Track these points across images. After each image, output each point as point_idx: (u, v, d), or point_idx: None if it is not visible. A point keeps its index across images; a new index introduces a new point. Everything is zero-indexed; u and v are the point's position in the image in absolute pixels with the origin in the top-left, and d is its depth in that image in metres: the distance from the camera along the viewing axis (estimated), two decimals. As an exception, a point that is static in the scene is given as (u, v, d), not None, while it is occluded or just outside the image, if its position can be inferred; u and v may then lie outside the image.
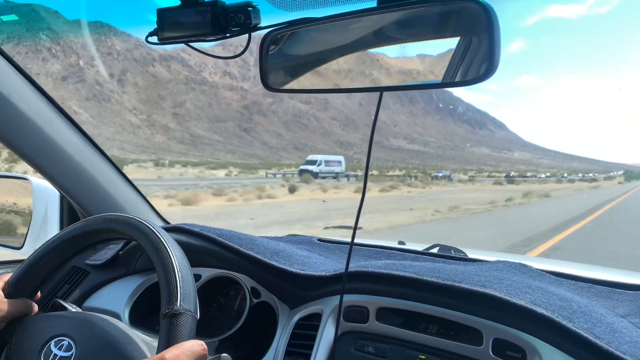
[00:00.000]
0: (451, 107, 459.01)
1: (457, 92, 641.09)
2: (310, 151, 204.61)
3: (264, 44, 0.90)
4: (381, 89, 0.87)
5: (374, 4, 0.80)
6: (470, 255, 1.53)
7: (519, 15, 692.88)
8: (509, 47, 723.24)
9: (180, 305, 0.78)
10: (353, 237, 1.01)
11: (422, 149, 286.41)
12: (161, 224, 1.74)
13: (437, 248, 1.60)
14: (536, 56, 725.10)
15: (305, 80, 0.96)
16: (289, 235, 1.76)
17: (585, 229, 13.31)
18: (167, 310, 0.77)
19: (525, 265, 1.27)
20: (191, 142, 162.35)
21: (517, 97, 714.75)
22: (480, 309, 0.97)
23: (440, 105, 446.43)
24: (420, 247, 1.60)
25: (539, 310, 0.90)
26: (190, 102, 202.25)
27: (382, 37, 0.87)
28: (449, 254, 1.51)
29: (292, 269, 1.21)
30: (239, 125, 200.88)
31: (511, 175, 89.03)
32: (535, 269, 1.27)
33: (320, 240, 1.64)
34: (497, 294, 0.94)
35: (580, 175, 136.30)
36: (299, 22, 0.88)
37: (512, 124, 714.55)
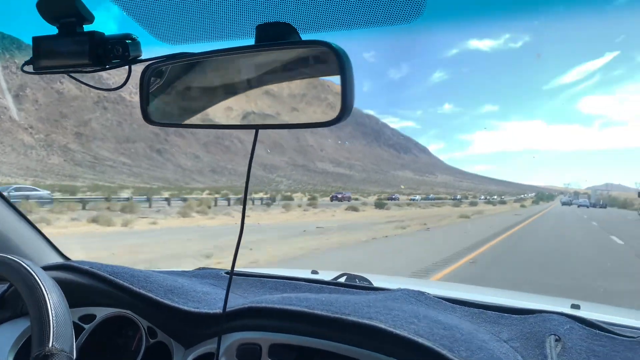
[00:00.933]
0: (377, 132, 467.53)
1: (382, 118, 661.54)
2: (229, 174, 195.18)
3: (144, 77, 0.91)
4: (256, 127, 0.90)
5: (251, 42, 0.83)
6: (376, 284, 1.57)
7: (442, 46, 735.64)
8: (432, 77, 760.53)
9: (52, 345, 0.73)
10: (232, 268, 1.01)
11: (347, 172, 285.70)
12: (58, 260, 1.65)
13: (345, 277, 1.64)
14: (456, 86, 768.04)
15: (185, 115, 0.97)
16: (197, 268, 1.72)
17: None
18: (37, 352, 0.72)
19: (423, 293, 1.29)
20: (91, 164, 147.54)
21: (439, 124, 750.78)
22: (367, 341, 0.98)
23: (367, 133, 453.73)
24: (330, 277, 1.66)
25: (421, 340, 0.92)
26: (97, 121, 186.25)
27: (255, 77, 0.90)
28: (354, 284, 1.54)
29: (184, 307, 1.17)
30: (151, 147, 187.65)
31: (394, 197, 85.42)
32: (433, 296, 1.29)
33: (227, 273, 1.58)
34: (381, 325, 0.95)
35: (482, 197, 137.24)
36: (178, 56, 0.89)
37: (435, 148, 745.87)
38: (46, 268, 1.24)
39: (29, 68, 0.93)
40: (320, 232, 16.45)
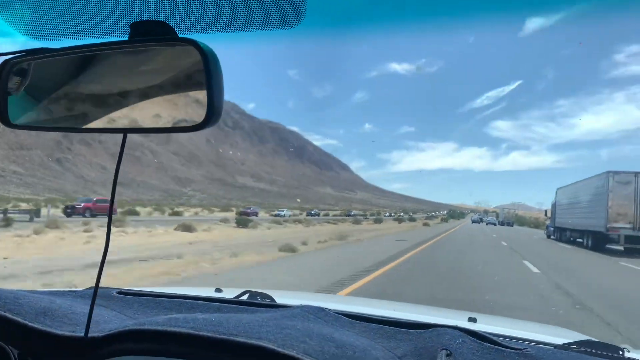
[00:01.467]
0: (301, 148, 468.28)
1: (306, 134, 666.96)
2: (137, 187, 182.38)
3: (1, 74, 0.83)
4: (124, 131, 0.85)
5: (124, 38, 0.78)
6: (278, 300, 1.57)
7: (363, 68, 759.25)
8: (354, 97, 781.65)
9: None
10: (97, 284, 0.95)
11: (267, 187, 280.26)
12: None
13: (247, 295, 1.62)
14: (376, 106, 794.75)
15: (51, 117, 0.90)
16: (87, 288, 1.60)
17: None
18: None
19: (323, 309, 1.27)
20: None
21: (360, 143, 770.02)
22: None
23: (291, 149, 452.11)
24: (233, 294, 1.64)
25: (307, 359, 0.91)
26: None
27: (124, 77, 0.85)
28: (256, 302, 1.52)
29: (57, 331, 1.04)
30: (50, 155, 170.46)
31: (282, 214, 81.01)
32: (333, 312, 1.27)
33: (120, 292, 1.49)
34: (269, 345, 0.93)
35: (388, 214, 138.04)
36: (38, 51, 0.81)
37: (356, 166, 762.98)
38: None
39: None
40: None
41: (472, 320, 1.63)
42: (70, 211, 36.27)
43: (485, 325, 1.62)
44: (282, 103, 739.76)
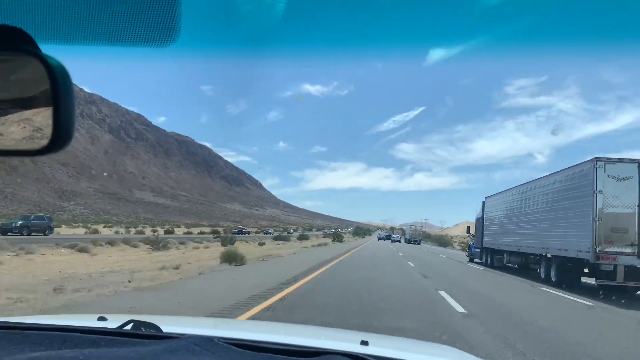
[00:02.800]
0: (210, 163, 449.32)
1: (219, 150, 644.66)
2: (12, 200, 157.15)
3: None
4: None
5: None
6: (166, 329, 1.46)
7: (278, 87, 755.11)
8: (269, 115, 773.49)
9: None
10: None
11: (167, 203, 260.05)
12: None
13: (131, 325, 1.50)
14: (291, 126, 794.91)
15: None
16: None
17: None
18: None
19: (211, 340, 1.22)
20: None
21: (274, 160, 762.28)
22: None
23: (200, 161, 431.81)
24: (117, 322, 1.52)
25: None
26: None
27: None
28: (139, 332, 1.41)
29: None
30: None
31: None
32: (223, 342, 1.23)
33: None
34: None
35: (270, 230, 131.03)
36: None
37: (270, 184, 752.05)
38: None
39: None
40: None
41: (365, 343, 1.55)
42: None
43: (378, 348, 1.60)
44: (195, 118, 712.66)
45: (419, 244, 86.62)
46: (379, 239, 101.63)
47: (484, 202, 25.05)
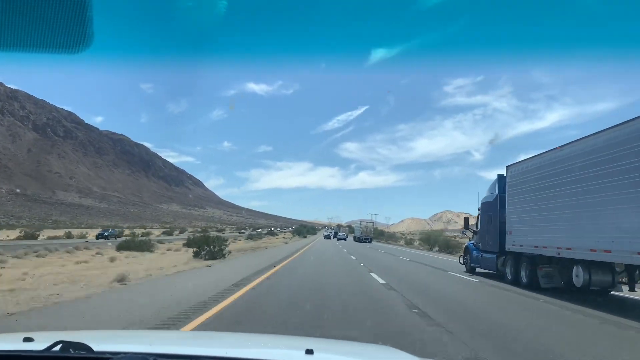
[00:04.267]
0: (147, 163, 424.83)
1: (160, 150, 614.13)
2: None
3: None
4: None
5: None
6: (99, 347, 1.38)
7: (222, 86, 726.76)
8: (212, 115, 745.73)
9: None
10: None
11: (94, 204, 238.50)
12: None
13: (60, 345, 1.39)
14: (235, 125, 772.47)
15: None
16: None
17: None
18: None
19: (145, 359, 1.18)
20: None
21: (219, 160, 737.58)
22: None
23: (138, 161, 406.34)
24: (45, 343, 1.41)
25: None
26: None
27: None
28: (67, 355, 1.33)
29: None
30: None
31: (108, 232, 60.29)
32: (160, 358, 1.18)
33: None
34: None
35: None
36: None
37: (214, 184, 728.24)
38: None
39: None
40: None
41: (310, 352, 1.50)
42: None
43: (324, 355, 1.56)
44: (135, 117, 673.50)
45: (370, 242, 77.28)
46: (325, 237, 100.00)
47: (502, 177, 15.04)
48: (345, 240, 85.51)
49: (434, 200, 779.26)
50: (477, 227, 17.47)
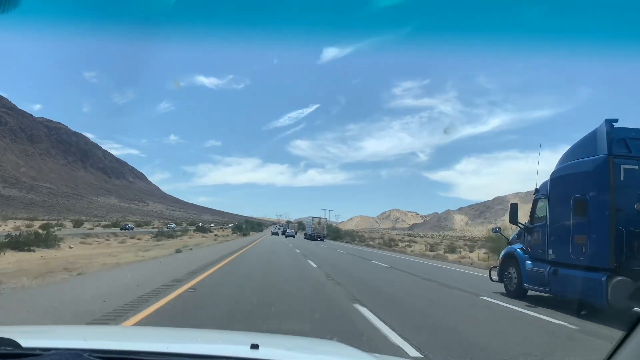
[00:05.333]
0: (86, 153, 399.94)
1: (104, 143, 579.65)
2: None
3: None
4: None
5: None
6: (27, 343, 1.27)
7: (169, 77, 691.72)
8: (159, 107, 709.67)
9: None
10: None
11: (20, 195, 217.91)
12: None
13: None
14: (183, 118, 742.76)
15: None
16: None
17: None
18: None
19: (80, 355, 1.12)
20: None
21: (165, 154, 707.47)
22: None
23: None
24: None
25: None
26: None
27: None
28: None
29: None
30: None
31: None
32: (95, 356, 1.13)
33: None
34: None
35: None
36: None
37: (160, 178, 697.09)
38: None
39: None
40: None
41: (255, 346, 1.44)
42: None
43: (268, 349, 1.53)
44: (76, 107, 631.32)
45: (323, 240, 70.22)
46: (273, 233, 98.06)
47: (615, 127, 8.09)
48: (293, 237, 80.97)
49: (382, 198, 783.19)
50: (531, 222, 10.46)
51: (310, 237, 72.71)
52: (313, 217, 73.15)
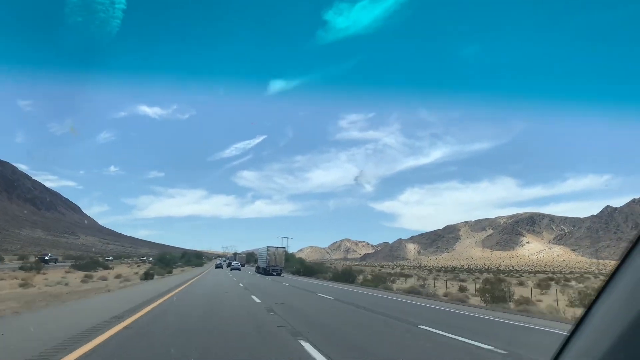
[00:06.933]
0: (12, 182, 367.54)
1: (39, 175, 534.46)
2: None
3: None
4: None
5: None
6: None
7: (110, 107, 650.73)
8: (98, 137, 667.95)
9: None
10: None
11: None
12: None
13: None
14: (124, 149, 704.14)
15: None
16: None
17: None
18: None
19: None
20: None
21: (104, 186, 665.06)
22: None
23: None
24: None
25: None
26: None
27: None
28: None
29: None
30: None
31: None
32: None
33: None
34: None
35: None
36: None
37: (99, 211, 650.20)
38: None
39: None
40: None
41: None
42: None
43: None
44: (8, 135, 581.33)
45: (280, 274, 56.69)
46: (217, 266, 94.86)
47: None
48: (239, 270, 76.06)
49: (331, 229, 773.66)
50: None
51: (264, 271, 58.88)
52: (269, 247, 59.47)
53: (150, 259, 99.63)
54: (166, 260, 72.55)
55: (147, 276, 38.90)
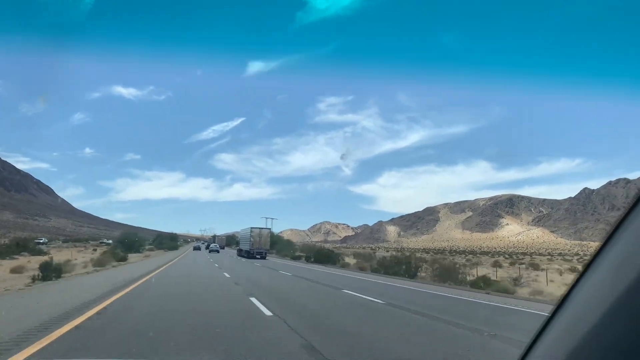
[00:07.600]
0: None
1: (10, 157, 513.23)
2: None
3: None
4: None
5: None
6: None
7: (84, 87, 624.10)
8: (72, 118, 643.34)
9: None
10: None
11: None
12: None
13: None
14: (99, 130, 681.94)
15: None
16: None
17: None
18: None
19: None
20: None
21: (78, 168, 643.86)
22: None
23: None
24: None
25: None
26: None
27: None
28: None
29: None
30: None
31: None
32: None
33: None
34: None
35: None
36: None
37: (74, 194, 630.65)
38: None
39: None
40: None
41: None
42: None
43: None
44: None
45: (265, 258, 51.46)
46: (195, 248, 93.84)
47: None
48: (218, 252, 77.08)
49: (311, 212, 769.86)
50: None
51: (248, 255, 53.44)
52: (252, 228, 54.01)
53: (110, 241, 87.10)
54: (129, 243, 57.21)
55: (46, 272, 18.36)
